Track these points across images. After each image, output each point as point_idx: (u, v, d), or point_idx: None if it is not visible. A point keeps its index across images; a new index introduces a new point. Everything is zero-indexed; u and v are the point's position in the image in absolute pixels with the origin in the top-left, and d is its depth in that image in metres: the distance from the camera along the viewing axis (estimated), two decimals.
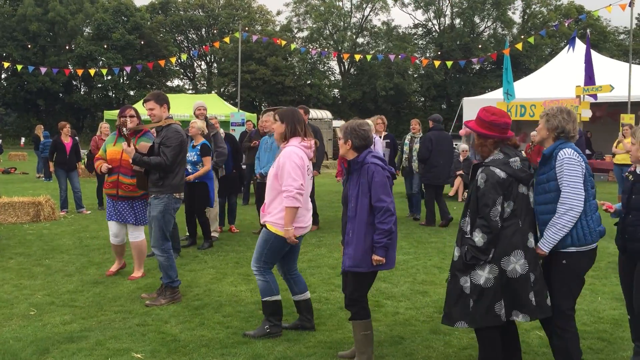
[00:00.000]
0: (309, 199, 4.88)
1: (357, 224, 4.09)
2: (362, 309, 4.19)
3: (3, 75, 53.22)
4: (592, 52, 16.82)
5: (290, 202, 4.57)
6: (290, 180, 4.58)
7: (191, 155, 7.96)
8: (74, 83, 54.79)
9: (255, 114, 28.41)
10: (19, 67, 23.06)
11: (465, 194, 13.64)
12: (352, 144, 4.19)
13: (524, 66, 51.69)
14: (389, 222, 4.03)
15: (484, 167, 3.72)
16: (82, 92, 55.62)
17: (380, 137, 10.51)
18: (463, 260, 3.71)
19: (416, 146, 10.85)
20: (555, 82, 19.07)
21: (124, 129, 5.74)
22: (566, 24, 45.42)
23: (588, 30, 15.99)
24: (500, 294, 3.67)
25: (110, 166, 6.33)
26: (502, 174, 3.64)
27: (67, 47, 49.39)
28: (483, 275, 3.67)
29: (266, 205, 4.81)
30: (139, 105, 12.98)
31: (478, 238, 3.64)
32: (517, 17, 59.82)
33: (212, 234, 8.68)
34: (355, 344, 4.25)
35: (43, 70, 27.88)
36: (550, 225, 3.75)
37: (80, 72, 27.72)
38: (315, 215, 10.05)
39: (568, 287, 3.84)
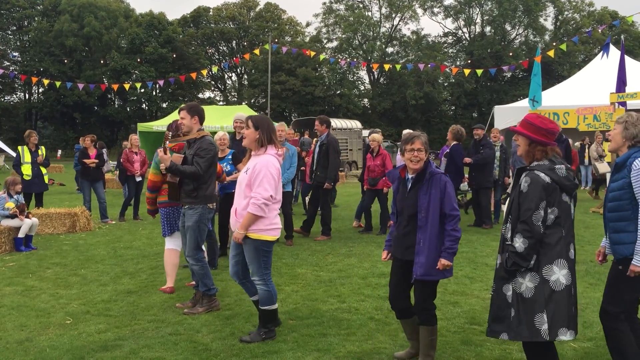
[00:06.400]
0: (279, 205, 5.00)
1: (429, 233, 4.15)
2: (432, 316, 4.32)
3: (40, 90, 54.71)
4: (627, 58, 16.46)
5: (256, 209, 4.71)
6: (261, 190, 4.71)
7: (224, 167, 8.07)
8: (109, 96, 56.03)
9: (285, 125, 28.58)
10: (58, 83, 23.64)
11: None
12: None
13: (556, 73, 51.05)
14: (460, 230, 4.20)
15: (529, 172, 3.62)
16: (116, 105, 56.83)
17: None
18: (504, 266, 3.61)
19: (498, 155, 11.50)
20: (589, 89, 18.68)
21: (166, 141, 5.73)
22: (599, 30, 44.70)
23: (622, 36, 15.65)
24: (543, 306, 3.50)
25: None
26: (546, 179, 3.53)
27: (102, 62, 50.58)
28: (524, 284, 3.55)
29: (237, 210, 4.90)
30: (173, 116, 13.03)
31: (519, 244, 3.51)
32: (549, 24, 59.20)
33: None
34: (421, 347, 4.36)
35: (81, 86, 28.56)
36: None
37: (115, 87, 28.30)
38: (328, 227, 10.03)
39: (620, 292, 3.81)
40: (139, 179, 12.67)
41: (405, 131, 9.44)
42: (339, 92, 56.90)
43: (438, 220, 4.15)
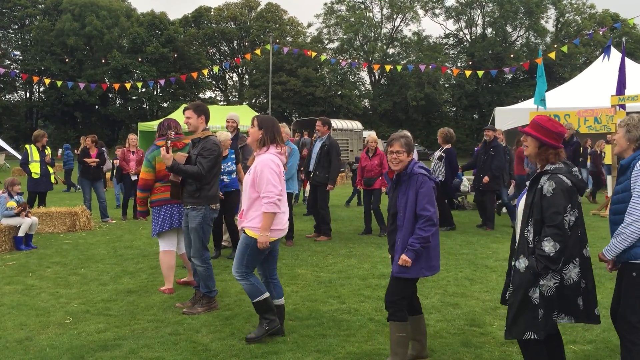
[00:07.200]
0: (286, 203, 5.03)
1: (404, 232, 4.23)
2: (399, 311, 4.32)
3: (41, 89, 54.72)
4: (628, 60, 16.47)
5: (271, 207, 4.74)
6: (271, 187, 4.75)
7: (228, 166, 8.07)
8: (110, 96, 56.02)
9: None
10: (59, 82, 23.65)
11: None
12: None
13: (557, 75, 51.01)
14: (428, 231, 4.15)
15: (551, 175, 3.65)
16: (117, 105, 56.81)
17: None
18: (534, 271, 3.60)
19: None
20: (590, 91, 18.69)
21: (169, 140, 5.68)
22: (600, 32, 44.70)
23: (624, 39, 15.65)
24: (557, 302, 3.62)
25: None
26: (569, 182, 3.61)
27: (103, 61, 50.59)
28: (545, 284, 3.61)
29: (244, 211, 4.94)
30: (174, 115, 12.91)
31: (549, 247, 3.52)
32: (550, 26, 59.19)
33: (223, 243, 8.78)
34: (390, 344, 4.38)
35: (82, 85, 28.56)
36: (616, 233, 3.75)
37: (116, 86, 28.31)
38: (328, 227, 10.02)
39: (638, 299, 3.73)
40: (134, 177, 12.69)
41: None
42: (339, 92, 56.89)
43: (414, 220, 4.22)
